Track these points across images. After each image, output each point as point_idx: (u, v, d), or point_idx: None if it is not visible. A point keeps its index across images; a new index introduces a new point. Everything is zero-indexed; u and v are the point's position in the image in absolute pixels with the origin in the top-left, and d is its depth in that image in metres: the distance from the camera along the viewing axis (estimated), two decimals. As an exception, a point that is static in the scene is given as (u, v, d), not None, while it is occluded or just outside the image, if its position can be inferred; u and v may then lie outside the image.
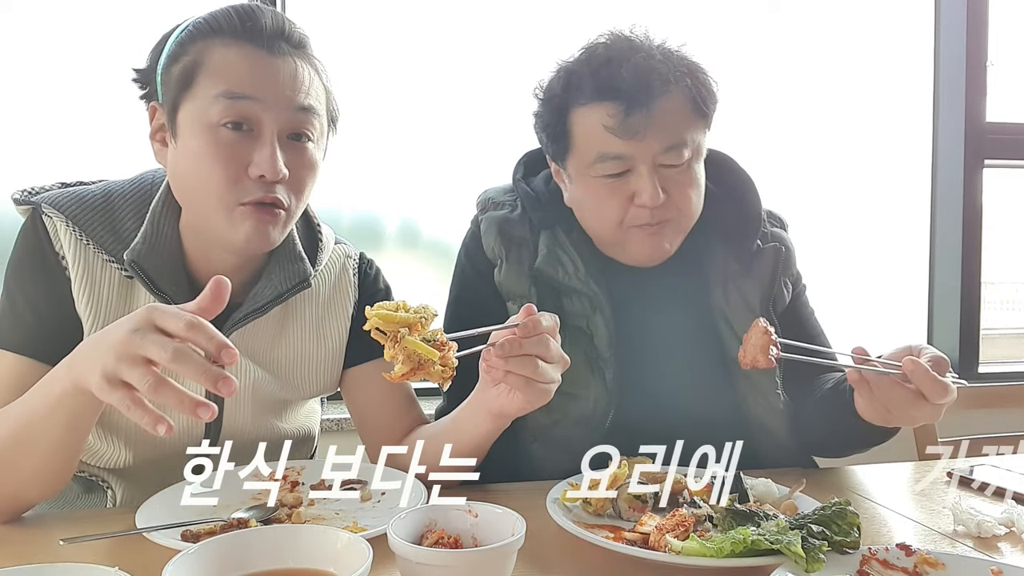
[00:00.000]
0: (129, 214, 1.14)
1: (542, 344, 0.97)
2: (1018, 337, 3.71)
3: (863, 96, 2.75)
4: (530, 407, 1.02)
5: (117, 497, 1.20)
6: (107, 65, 2.14)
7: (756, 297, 1.34)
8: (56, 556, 0.86)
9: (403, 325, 0.87)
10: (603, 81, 1.21)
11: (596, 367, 1.29)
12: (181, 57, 1.07)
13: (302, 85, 1.09)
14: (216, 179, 1.05)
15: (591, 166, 1.24)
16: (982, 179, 2.79)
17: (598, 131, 1.21)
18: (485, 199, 1.42)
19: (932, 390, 0.99)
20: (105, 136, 2.12)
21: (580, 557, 0.92)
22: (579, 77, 1.24)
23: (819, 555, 0.81)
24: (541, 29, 2.48)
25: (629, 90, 1.19)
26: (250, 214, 1.07)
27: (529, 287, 1.30)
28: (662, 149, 1.21)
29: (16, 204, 1.15)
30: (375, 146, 2.39)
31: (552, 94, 1.28)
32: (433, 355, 0.87)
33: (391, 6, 2.44)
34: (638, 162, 1.21)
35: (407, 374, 0.87)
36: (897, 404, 1.03)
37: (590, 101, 1.22)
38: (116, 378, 0.80)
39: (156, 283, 1.11)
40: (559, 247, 1.32)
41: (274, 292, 1.18)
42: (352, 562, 0.71)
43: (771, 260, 1.36)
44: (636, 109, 1.18)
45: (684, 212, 1.26)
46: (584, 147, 1.24)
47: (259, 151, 1.05)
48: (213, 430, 1.19)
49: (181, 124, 1.07)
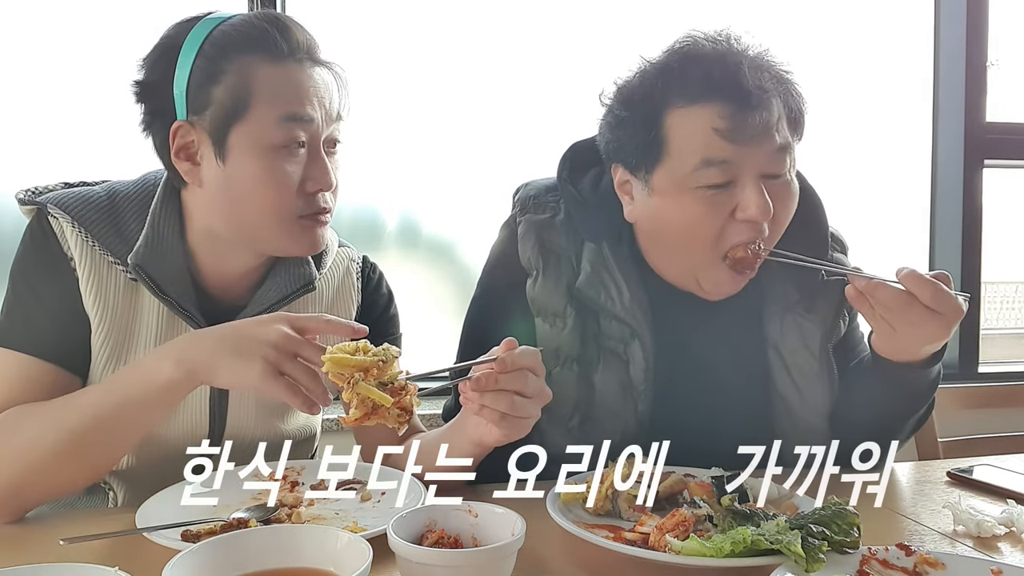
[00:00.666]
0: (133, 216, 1.14)
1: (519, 380, 0.96)
2: (1018, 337, 3.72)
3: (863, 96, 2.74)
4: (507, 440, 1.01)
5: (119, 498, 1.19)
6: (110, 64, 2.14)
7: (816, 335, 1.25)
8: (56, 556, 0.86)
9: (358, 369, 0.88)
10: (715, 79, 1.09)
11: (629, 396, 1.22)
12: (220, 76, 1.06)
13: (333, 95, 1.13)
14: (277, 198, 1.09)
15: (690, 175, 1.11)
16: (982, 179, 2.79)
17: (705, 134, 1.09)
18: (526, 196, 1.30)
19: (930, 295, 1.00)
20: (109, 136, 2.12)
21: (580, 557, 0.92)
22: (682, 75, 1.12)
23: (819, 555, 0.80)
24: (543, 25, 2.48)
25: (745, 90, 1.08)
26: (309, 225, 1.13)
27: (565, 306, 1.22)
28: (771, 153, 1.11)
29: (20, 204, 1.15)
30: (375, 142, 2.39)
31: (645, 93, 1.14)
32: (386, 400, 0.88)
33: (391, 2, 2.44)
34: (744, 171, 1.10)
35: (360, 419, 0.88)
36: (898, 316, 1.03)
37: (697, 101, 1.10)
38: (279, 370, 0.93)
39: (160, 286, 1.11)
40: (604, 267, 1.22)
41: (279, 295, 1.18)
42: (352, 562, 0.71)
43: (835, 296, 1.26)
44: (752, 111, 1.08)
45: (776, 235, 1.17)
46: (684, 153, 1.11)
47: (314, 166, 1.10)
48: (216, 431, 1.19)
49: (233, 146, 1.07)
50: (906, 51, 2.82)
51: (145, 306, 1.14)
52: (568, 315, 1.22)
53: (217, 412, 1.19)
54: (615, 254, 1.23)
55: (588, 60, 2.43)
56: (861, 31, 2.75)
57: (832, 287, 1.26)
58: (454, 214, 2.47)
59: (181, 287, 1.13)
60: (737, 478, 1.01)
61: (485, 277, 1.33)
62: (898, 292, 1.04)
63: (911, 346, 1.10)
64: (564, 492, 1.04)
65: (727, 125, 1.08)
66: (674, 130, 1.12)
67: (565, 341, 1.21)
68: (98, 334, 1.12)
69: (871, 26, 2.76)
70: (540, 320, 1.23)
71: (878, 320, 1.07)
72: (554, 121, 2.31)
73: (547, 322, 1.23)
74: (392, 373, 0.91)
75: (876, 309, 1.05)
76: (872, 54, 2.76)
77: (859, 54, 2.74)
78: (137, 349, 1.14)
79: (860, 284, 1.07)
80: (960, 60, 2.75)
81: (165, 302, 1.12)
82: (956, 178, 2.77)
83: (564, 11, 2.49)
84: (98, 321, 1.11)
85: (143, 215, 1.14)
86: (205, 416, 1.18)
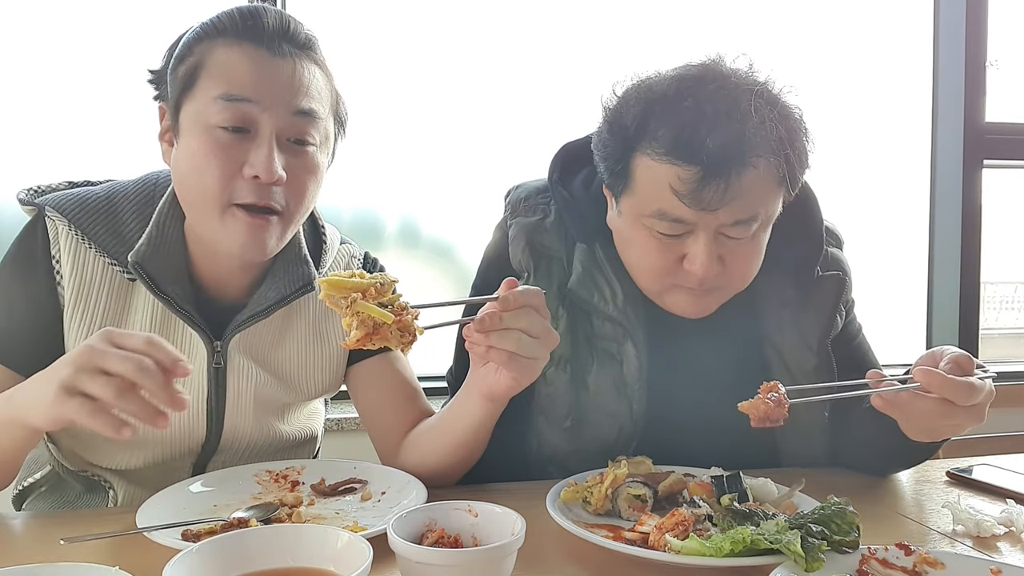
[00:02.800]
0: (132, 215, 1.14)
1: (523, 317, 0.94)
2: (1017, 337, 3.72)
3: (862, 96, 2.75)
4: (517, 385, 0.99)
5: (119, 497, 1.20)
6: (120, 63, 2.14)
7: (814, 331, 1.25)
8: (56, 556, 0.86)
9: (355, 290, 0.86)
10: (682, 142, 1.03)
11: (623, 395, 1.21)
12: (186, 58, 1.07)
13: (303, 87, 1.07)
14: (211, 179, 1.04)
15: (647, 218, 1.10)
16: (981, 179, 2.79)
17: (663, 190, 1.06)
18: (516, 199, 1.30)
19: (955, 393, 0.94)
20: (118, 135, 2.12)
21: (580, 557, 0.92)
22: (656, 124, 1.06)
23: (819, 555, 0.81)
24: (542, 30, 2.48)
25: (710, 159, 1.02)
26: (242, 218, 1.06)
27: (557, 307, 1.21)
28: (730, 222, 1.07)
29: (22, 204, 1.15)
30: (376, 143, 2.39)
31: (622, 126, 1.10)
32: (387, 317, 0.85)
33: (392, 4, 2.45)
34: (699, 228, 1.08)
35: (362, 339, 0.85)
36: (930, 417, 0.97)
37: (662, 157, 1.05)
38: (75, 389, 0.82)
39: (159, 284, 1.10)
40: (596, 267, 1.21)
41: (278, 295, 1.17)
42: (352, 562, 0.71)
43: (832, 291, 1.26)
44: (713, 181, 1.02)
45: (736, 281, 1.15)
46: (644, 197, 1.10)
47: (255, 152, 1.04)
48: (215, 433, 1.19)
49: (183, 124, 1.07)
50: (905, 51, 2.82)
51: (139, 307, 1.13)
52: (560, 316, 1.21)
53: (215, 413, 1.18)
54: (607, 254, 1.22)
55: (586, 63, 2.44)
56: (861, 31, 2.75)
57: (828, 283, 1.26)
58: (454, 216, 2.47)
59: (180, 286, 1.13)
60: (737, 479, 1.01)
61: (479, 279, 1.33)
62: (934, 402, 0.96)
63: (948, 435, 1.06)
64: (564, 492, 1.04)
65: (684, 189, 1.04)
66: (639, 172, 1.10)
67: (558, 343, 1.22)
68: (80, 337, 1.10)
69: (871, 26, 2.76)
70: None
71: (912, 423, 1.01)
72: (552, 124, 2.31)
73: None
74: (391, 296, 0.88)
75: (910, 417, 0.99)
76: (872, 54, 2.76)
77: (859, 54, 2.75)
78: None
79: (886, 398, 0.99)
80: (959, 60, 2.75)
81: (163, 301, 1.11)
82: (955, 178, 2.78)
83: (562, 15, 2.49)
84: (76, 332, 1.10)
85: (143, 214, 1.14)
86: (203, 417, 1.17)
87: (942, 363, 0.98)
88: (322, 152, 1.13)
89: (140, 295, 1.13)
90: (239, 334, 1.16)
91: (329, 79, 1.14)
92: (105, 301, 1.12)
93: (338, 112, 1.17)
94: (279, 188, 1.06)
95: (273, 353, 1.22)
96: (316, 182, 1.12)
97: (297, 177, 1.08)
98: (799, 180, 1.12)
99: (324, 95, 1.12)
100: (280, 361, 1.23)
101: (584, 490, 1.04)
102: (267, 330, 1.20)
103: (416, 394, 1.29)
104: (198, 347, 1.15)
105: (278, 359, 1.22)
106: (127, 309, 1.13)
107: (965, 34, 2.74)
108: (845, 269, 1.30)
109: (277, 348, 1.22)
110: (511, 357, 0.95)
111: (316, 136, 1.10)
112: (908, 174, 2.84)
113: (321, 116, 1.10)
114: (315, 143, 1.10)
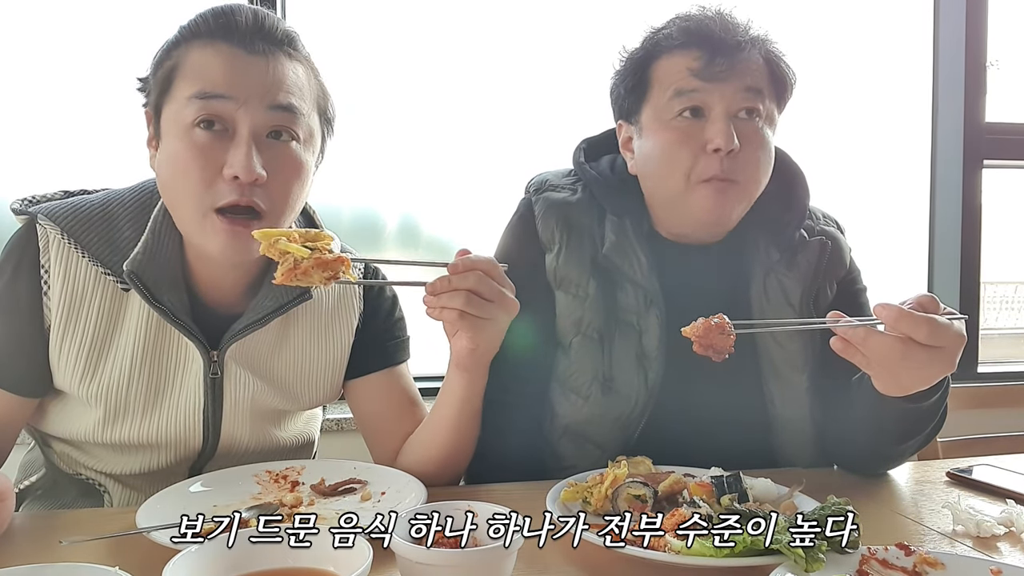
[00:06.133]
0: (128, 223, 1.12)
1: (470, 279, 0.99)
2: (1017, 337, 3.72)
3: (862, 96, 2.75)
4: (475, 346, 1.05)
5: (114, 502, 1.19)
6: (114, 70, 2.14)
7: (796, 291, 1.31)
8: (56, 556, 0.86)
9: (281, 236, 0.94)
10: (694, 30, 1.24)
11: (641, 366, 1.27)
12: (164, 62, 1.06)
13: (280, 82, 1.05)
14: (191, 182, 1.02)
15: (665, 105, 1.23)
16: (981, 179, 2.79)
17: (680, 73, 1.23)
18: (540, 181, 1.38)
19: (912, 327, 0.92)
20: (115, 143, 2.12)
21: (580, 557, 0.91)
22: (667, 29, 1.27)
23: (819, 555, 0.80)
24: (542, 30, 2.48)
25: (716, 38, 1.22)
26: (222, 223, 1.03)
27: (588, 277, 1.29)
28: (741, 89, 1.21)
29: (15, 214, 1.13)
30: (375, 143, 2.39)
31: (640, 48, 1.30)
32: (303, 252, 0.92)
33: (392, 4, 2.45)
34: (713, 106, 1.21)
35: (287, 275, 0.93)
36: (897, 363, 0.96)
37: (676, 48, 1.24)
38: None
39: (154, 293, 1.08)
40: (627, 239, 1.29)
41: (275, 304, 1.16)
42: (352, 562, 0.71)
43: (815, 254, 1.33)
44: (723, 55, 1.20)
45: (751, 174, 1.24)
46: (663, 88, 1.25)
47: (233, 151, 1.01)
48: (211, 442, 1.18)
49: (163, 128, 1.06)
50: (905, 51, 2.82)
51: (132, 316, 1.11)
52: (589, 285, 1.28)
53: (211, 420, 1.17)
54: (637, 230, 1.30)
55: (587, 63, 2.43)
56: (861, 31, 2.75)
57: (812, 246, 1.34)
58: (454, 216, 2.47)
59: (176, 295, 1.11)
60: (737, 479, 1.01)
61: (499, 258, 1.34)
62: (891, 339, 0.95)
63: (917, 384, 1.03)
64: (564, 492, 1.04)
65: (699, 65, 1.21)
66: (657, 73, 1.26)
67: (587, 310, 1.28)
68: (67, 348, 1.10)
69: (871, 26, 2.76)
70: (561, 292, 1.29)
71: (876, 368, 1.00)
72: (552, 124, 2.32)
73: (569, 293, 1.29)
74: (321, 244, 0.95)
75: (871, 358, 0.98)
76: (871, 54, 2.76)
77: (858, 54, 2.75)
78: (115, 361, 1.12)
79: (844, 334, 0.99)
80: (959, 60, 2.75)
81: (159, 311, 1.09)
82: (955, 178, 2.77)
83: (563, 15, 2.49)
84: (68, 335, 1.09)
85: (138, 222, 1.12)
86: (199, 427, 1.16)
87: (905, 303, 0.97)
88: (306, 150, 1.10)
89: (134, 305, 1.11)
90: (236, 343, 1.15)
91: (312, 75, 1.12)
92: (97, 311, 1.10)
93: (324, 109, 1.14)
94: (261, 187, 1.04)
95: (270, 362, 1.20)
96: (300, 180, 1.09)
97: (279, 175, 1.05)
98: (788, 85, 1.28)
99: (306, 91, 1.09)
100: (277, 370, 1.21)
101: (584, 490, 1.04)
102: (264, 339, 1.18)
103: (414, 402, 1.29)
104: (194, 357, 1.14)
105: (275, 368, 1.21)
106: (120, 319, 1.11)
107: (965, 34, 2.73)
108: (836, 241, 1.37)
109: (274, 357, 1.21)
110: (461, 315, 1.00)
111: (298, 132, 1.07)
112: (908, 174, 2.84)
113: (302, 112, 1.08)
114: (298, 139, 1.08)
